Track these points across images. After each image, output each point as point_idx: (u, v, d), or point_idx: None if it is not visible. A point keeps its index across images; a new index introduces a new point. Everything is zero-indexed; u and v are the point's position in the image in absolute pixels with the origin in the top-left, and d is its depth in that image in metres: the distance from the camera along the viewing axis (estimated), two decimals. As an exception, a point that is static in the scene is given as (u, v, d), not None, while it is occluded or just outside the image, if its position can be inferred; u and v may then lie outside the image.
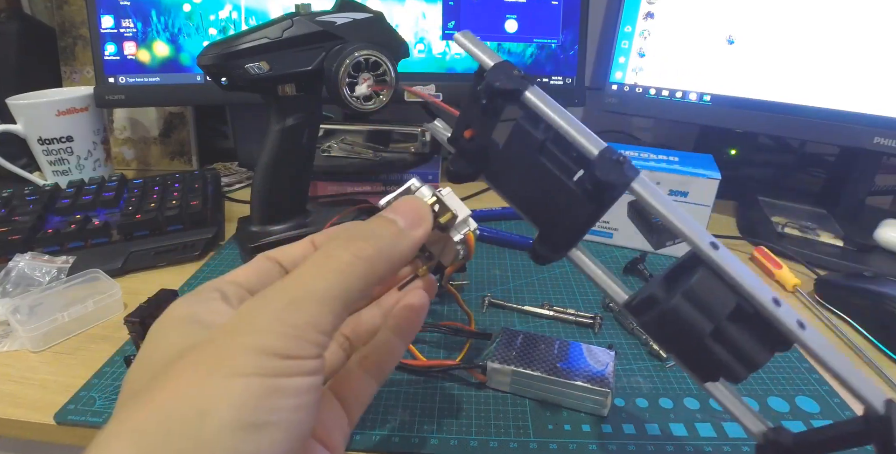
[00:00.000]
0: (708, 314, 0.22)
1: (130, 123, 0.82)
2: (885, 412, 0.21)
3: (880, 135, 0.53)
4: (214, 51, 0.43)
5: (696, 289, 0.22)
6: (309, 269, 0.18)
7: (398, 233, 0.20)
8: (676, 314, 0.22)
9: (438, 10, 0.66)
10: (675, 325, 0.22)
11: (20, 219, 0.54)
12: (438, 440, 0.32)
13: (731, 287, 0.22)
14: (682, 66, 0.64)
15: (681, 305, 0.22)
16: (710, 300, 0.22)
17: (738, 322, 0.22)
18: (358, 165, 0.67)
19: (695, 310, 0.22)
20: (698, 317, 0.22)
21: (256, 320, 0.16)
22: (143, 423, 0.14)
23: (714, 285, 0.22)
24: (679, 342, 0.22)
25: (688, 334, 0.22)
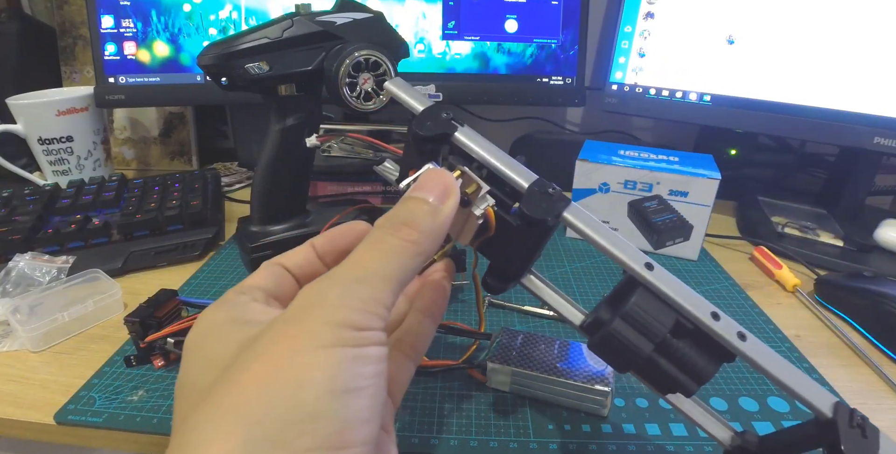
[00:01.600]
0: (648, 333, 0.22)
1: (130, 123, 0.82)
2: (833, 415, 0.22)
3: (880, 135, 0.53)
4: (214, 51, 0.43)
5: (633, 311, 0.23)
6: (365, 254, 0.19)
7: (433, 211, 0.21)
8: (618, 336, 0.23)
9: (438, 10, 0.66)
10: (618, 346, 0.23)
11: (20, 219, 0.54)
12: (438, 440, 0.32)
13: (669, 305, 0.23)
14: (682, 66, 0.64)
15: (620, 327, 0.23)
16: (649, 320, 0.23)
17: (681, 337, 0.23)
18: (358, 165, 0.67)
19: (634, 330, 0.23)
20: (639, 337, 0.23)
21: (328, 298, 0.17)
22: (245, 399, 0.15)
23: (651, 305, 0.23)
24: (626, 361, 0.23)
25: (632, 354, 0.23)
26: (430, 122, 0.25)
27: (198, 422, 0.15)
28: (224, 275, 0.51)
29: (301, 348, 0.16)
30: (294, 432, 0.14)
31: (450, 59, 0.68)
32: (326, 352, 0.16)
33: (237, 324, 0.19)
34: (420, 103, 0.26)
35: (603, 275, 0.52)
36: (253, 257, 0.50)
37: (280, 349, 0.16)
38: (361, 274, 0.18)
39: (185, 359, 0.19)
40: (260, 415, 0.15)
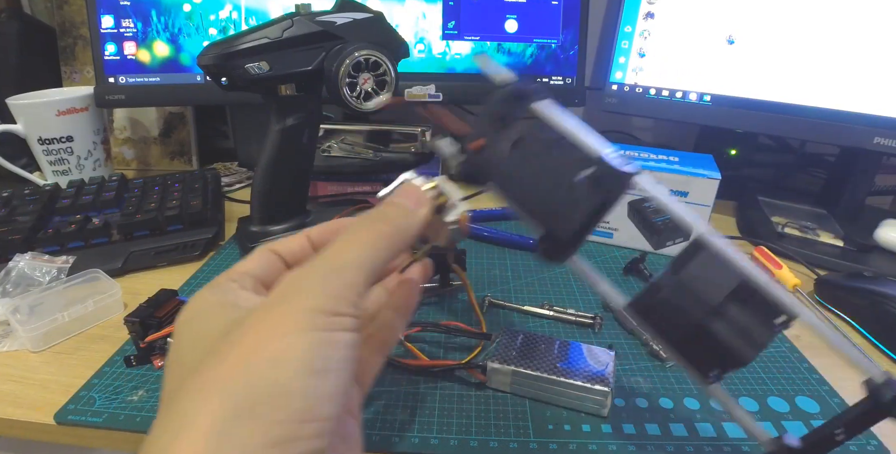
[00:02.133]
0: (710, 292, 0.22)
1: (130, 123, 0.82)
2: (885, 380, 0.22)
3: (880, 135, 0.53)
4: (214, 51, 0.43)
5: (697, 270, 0.23)
6: (341, 246, 0.21)
7: (406, 213, 0.23)
8: (681, 292, 0.23)
9: (438, 10, 0.66)
10: (679, 304, 0.23)
11: (20, 219, 0.54)
12: (438, 440, 0.32)
13: (731, 268, 0.23)
14: (682, 66, 0.64)
15: (684, 284, 0.23)
16: (712, 279, 0.23)
17: (737, 302, 0.23)
18: (358, 165, 0.67)
19: (697, 288, 0.23)
20: (701, 295, 0.23)
21: (305, 286, 0.19)
22: (226, 375, 0.17)
23: (715, 265, 0.23)
24: (682, 325, 0.23)
25: (691, 314, 0.23)
26: (529, 83, 0.26)
27: (184, 395, 0.17)
28: (224, 275, 0.50)
29: (279, 331, 0.17)
30: (268, 406, 0.16)
31: (450, 59, 0.68)
32: (302, 336, 0.17)
33: (225, 307, 0.21)
34: (509, 73, 0.26)
35: (603, 275, 0.52)
36: (253, 257, 0.50)
37: (261, 332, 0.18)
38: (337, 264, 0.20)
39: (175, 337, 0.21)
40: (239, 389, 0.16)
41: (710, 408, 0.35)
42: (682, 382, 0.38)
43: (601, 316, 0.43)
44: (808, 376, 0.38)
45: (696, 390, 0.37)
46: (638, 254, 0.52)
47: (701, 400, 0.36)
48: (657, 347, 0.40)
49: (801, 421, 0.34)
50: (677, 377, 0.38)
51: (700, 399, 0.36)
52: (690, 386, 0.37)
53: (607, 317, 0.45)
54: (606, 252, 0.56)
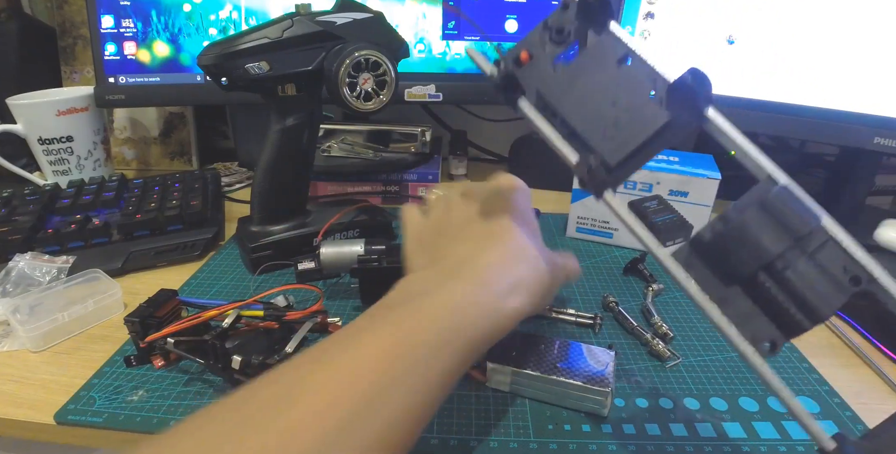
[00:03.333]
0: (784, 230, 0.20)
1: (130, 123, 0.82)
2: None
3: (880, 135, 0.53)
4: (214, 51, 0.43)
5: (778, 199, 0.21)
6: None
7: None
8: (753, 227, 0.20)
9: (438, 11, 0.66)
10: (747, 241, 0.20)
11: (20, 219, 0.54)
12: (438, 440, 0.32)
13: (805, 211, 0.20)
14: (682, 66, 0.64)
15: (758, 216, 0.20)
16: (788, 216, 0.20)
17: (809, 254, 0.20)
18: (358, 165, 0.67)
19: (770, 223, 0.20)
20: (774, 232, 0.20)
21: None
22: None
23: (791, 203, 0.21)
24: (750, 266, 0.20)
25: (759, 252, 0.20)
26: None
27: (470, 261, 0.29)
28: (224, 275, 0.51)
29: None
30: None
31: (450, 59, 0.68)
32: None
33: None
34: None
35: (603, 275, 0.52)
36: (253, 257, 0.50)
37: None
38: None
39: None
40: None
41: (710, 408, 0.35)
42: (681, 382, 0.38)
43: (601, 316, 0.43)
44: (808, 376, 0.38)
45: (696, 390, 0.37)
46: (638, 254, 0.52)
47: (701, 400, 0.36)
48: (659, 347, 0.40)
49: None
50: (677, 377, 0.38)
51: (700, 399, 0.36)
52: (690, 386, 0.37)
53: (607, 317, 0.45)
54: (606, 252, 0.56)
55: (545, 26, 0.25)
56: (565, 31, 0.25)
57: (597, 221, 0.57)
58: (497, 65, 0.26)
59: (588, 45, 0.24)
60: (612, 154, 0.23)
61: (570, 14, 0.24)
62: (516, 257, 0.29)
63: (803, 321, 0.20)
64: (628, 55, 0.24)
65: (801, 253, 0.20)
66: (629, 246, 0.57)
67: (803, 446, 0.32)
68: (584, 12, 0.24)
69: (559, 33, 0.25)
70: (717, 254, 0.21)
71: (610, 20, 0.24)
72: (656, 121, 0.22)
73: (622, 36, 0.24)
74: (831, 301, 0.20)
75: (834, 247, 0.20)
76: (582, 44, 0.25)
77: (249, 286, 0.49)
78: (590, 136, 0.23)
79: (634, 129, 0.23)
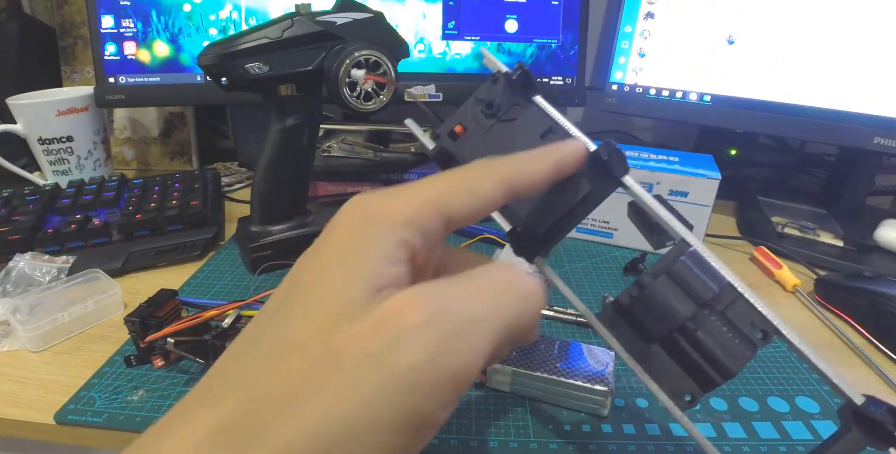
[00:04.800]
0: (690, 296, 0.22)
1: (130, 123, 0.82)
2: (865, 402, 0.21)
3: (880, 135, 0.53)
4: (214, 51, 0.43)
5: (681, 269, 0.22)
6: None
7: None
8: (663, 295, 0.22)
9: (438, 11, 0.66)
10: (660, 308, 0.22)
11: (20, 219, 0.54)
12: (438, 440, 0.32)
13: (715, 275, 0.22)
14: (682, 66, 0.64)
15: (664, 285, 0.22)
16: (694, 282, 0.22)
17: (718, 312, 0.22)
18: (358, 165, 0.67)
19: (678, 290, 0.22)
20: (682, 301, 0.22)
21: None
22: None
23: (696, 270, 0.22)
24: (661, 329, 0.22)
25: (672, 317, 0.22)
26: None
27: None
28: (224, 275, 0.51)
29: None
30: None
31: (450, 59, 0.68)
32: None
33: (372, 267, 0.18)
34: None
35: (603, 275, 0.52)
36: (253, 257, 0.50)
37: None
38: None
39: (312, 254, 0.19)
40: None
41: (710, 407, 0.35)
42: (682, 382, 0.37)
43: (601, 316, 0.43)
44: (808, 376, 0.38)
45: (696, 390, 0.37)
46: (638, 254, 0.52)
47: (701, 400, 0.36)
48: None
49: (801, 421, 0.34)
50: (677, 377, 0.38)
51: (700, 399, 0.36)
52: (690, 386, 0.37)
53: (607, 317, 0.45)
54: (606, 252, 0.56)
55: (476, 100, 0.26)
56: (494, 104, 0.26)
57: (597, 221, 0.57)
58: (434, 138, 0.27)
59: (516, 118, 0.26)
60: (539, 224, 0.25)
61: (498, 87, 0.26)
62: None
63: (715, 377, 0.22)
64: (552, 127, 0.25)
65: (711, 312, 0.22)
66: (629, 246, 0.57)
67: (803, 446, 0.32)
68: (510, 86, 0.25)
69: (489, 107, 0.26)
70: (634, 316, 0.23)
71: (535, 94, 0.25)
72: (579, 192, 0.24)
73: (547, 109, 0.25)
74: (739, 358, 0.22)
75: (743, 305, 0.22)
76: (511, 117, 0.26)
77: (249, 286, 0.49)
78: (519, 206, 0.25)
79: (563, 200, 0.24)
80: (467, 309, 0.16)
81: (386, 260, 0.17)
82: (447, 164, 0.27)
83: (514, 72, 0.25)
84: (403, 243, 0.17)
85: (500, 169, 0.20)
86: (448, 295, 0.16)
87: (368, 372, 0.14)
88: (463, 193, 0.19)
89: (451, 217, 0.18)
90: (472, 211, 0.19)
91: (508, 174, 0.20)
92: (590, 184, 0.24)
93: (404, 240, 0.17)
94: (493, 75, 0.26)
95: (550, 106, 0.25)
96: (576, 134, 0.24)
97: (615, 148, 0.23)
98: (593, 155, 0.23)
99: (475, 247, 0.55)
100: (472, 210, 0.19)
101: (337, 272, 0.17)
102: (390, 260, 0.17)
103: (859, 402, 0.21)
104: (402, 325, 0.15)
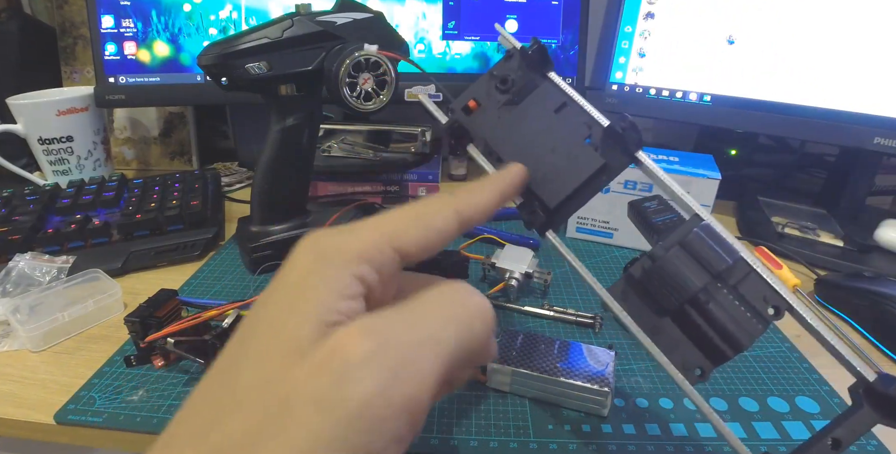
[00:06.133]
0: (704, 266, 0.22)
1: (130, 123, 0.82)
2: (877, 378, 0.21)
3: (880, 135, 0.53)
4: (215, 51, 0.43)
5: (693, 242, 0.22)
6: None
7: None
8: (675, 264, 0.22)
9: (438, 10, 0.66)
10: (672, 279, 0.22)
11: (20, 219, 0.54)
12: (438, 440, 0.32)
13: (726, 248, 0.22)
14: (682, 67, 0.64)
15: (678, 255, 0.22)
16: (707, 253, 0.22)
17: (730, 286, 0.22)
18: (358, 165, 0.67)
19: (691, 261, 0.22)
20: (694, 269, 0.22)
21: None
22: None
23: (710, 241, 0.22)
24: (675, 300, 0.22)
25: (684, 286, 0.22)
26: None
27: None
28: (224, 275, 0.51)
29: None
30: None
31: (450, 59, 0.68)
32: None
33: (322, 304, 0.18)
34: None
35: (603, 275, 0.52)
36: (253, 257, 0.50)
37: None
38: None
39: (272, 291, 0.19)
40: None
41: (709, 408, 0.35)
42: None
43: (601, 316, 0.43)
44: (808, 376, 0.38)
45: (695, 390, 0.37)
46: (638, 254, 0.52)
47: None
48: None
49: (801, 421, 0.34)
50: (677, 377, 0.38)
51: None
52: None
53: (607, 317, 0.45)
54: (606, 252, 0.56)
55: (491, 76, 0.26)
56: (509, 80, 0.26)
57: (597, 221, 0.57)
58: (449, 112, 0.27)
59: (530, 94, 0.26)
60: (552, 197, 0.25)
61: (512, 64, 0.26)
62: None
63: (726, 350, 0.22)
64: (566, 102, 0.25)
65: (724, 286, 0.22)
66: (629, 246, 0.57)
67: (803, 446, 0.32)
68: (526, 62, 0.26)
69: (503, 82, 0.26)
70: (646, 289, 0.23)
71: (550, 69, 0.25)
72: (592, 165, 0.24)
73: (561, 84, 0.25)
74: (751, 332, 0.22)
75: (755, 279, 0.22)
76: (525, 92, 0.26)
77: (249, 286, 0.49)
78: (531, 180, 0.25)
79: (571, 173, 0.24)
80: (412, 335, 0.16)
81: (339, 296, 0.17)
82: (459, 138, 0.27)
83: (531, 47, 0.25)
84: (357, 278, 0.17)
85: (451, 200, 0.21)
86: (391, 323, 0.16)
87: (317, 414, 0.14)
88: (416, 227, 0.19)
89: (405, 249, 0.19)
90: (425, 244, 0.19)
91: (459, 207, 0.21)
92: (603, 157, 0.23)
93: (358, 275, 0.17)
94: (507, 52, 0.26)
95: (564, 82, 0.25)
96: (589, 109, 0.24)
97: (630, 122, 0.23)
98: (608, 128, 0.23)
99: (475, 247, 0.55)
100: (426, 243, 0.19)
101: (289, 313, 0.17)
102: (343, 295, 0.17)
103: (871, 379, 0.21)
104: (348, 361, 0.15)
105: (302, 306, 0.16)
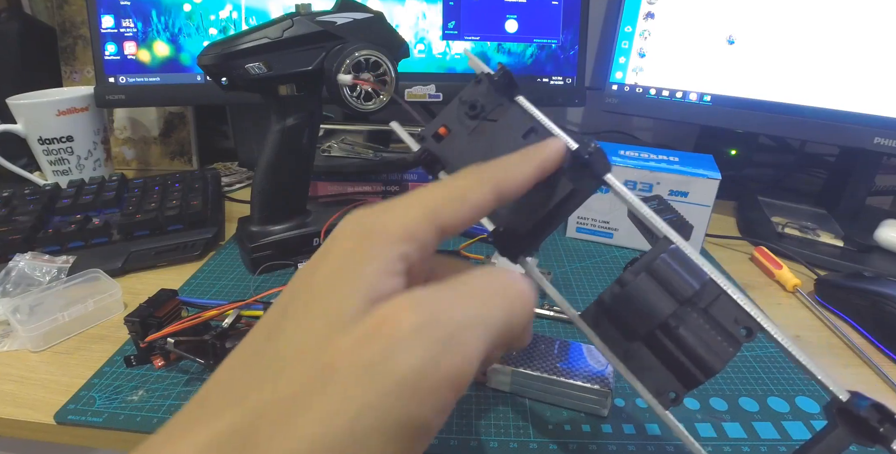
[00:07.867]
0: (671, 293, 0.22)
1: (131, 123, 0.82)
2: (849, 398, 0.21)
3: (880, 135, 0.53)
4: (215, 51, 0.43)
5: (659, 268, 0.22)
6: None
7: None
8: (640, 291, 0.22)
9: (438, 10, 0.66)
10: (641, 306, 0.22)
11: (20, 218, 0.54)
12: (438, 440, 0.32)
13: (694, 271, 0.22)
14: (682, 66, 0.64)
15: (645, 283, 0.22)
16: (674, 280, 0.22)
17: (701, 310, 0.22)
18: (358, 165, 0.67)
19: (659, 288, 0.22)
20: (662, 295, 0.22)
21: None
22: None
23: (677, 267, 0.22)
24: (644, 327, 0.22)
25: (654, 315, 0.22)
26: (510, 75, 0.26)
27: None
28: (224, 275, 0.51)
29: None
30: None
31: (450, 59, 0.68)
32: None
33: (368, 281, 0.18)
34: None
35: (603, 275, 0.52)
36: (253, 257, 0.50)
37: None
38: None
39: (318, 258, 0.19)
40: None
41: (710, 407, 0.35)
42: (682, 382, 0.37)
43: (601, 316, 0.43)
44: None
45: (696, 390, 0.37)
46: (638, 254, 0.52)
47: (701, 400, 0.36)
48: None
49: (801, 421, 0.34)
50: (677, 377, 0.38)
51: (700, 399, 0.36)
52: (690, 386, 0.37)
53: (607, 317, 0.45)
54: (606, 252, 0.56)
55: (461, 101, 0.26)
56: (478, 105, 0.26)
57: (597, 221, 0.57)
58: (419, 140, 0.27)
59: (499, 119, 0.26)
60: (522, 224, 0.24)
61: (481, 88, 0.26)
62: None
63: (697, 375, 0.22)
64: (534, 127, 0.25)
65: (693, 309, 0.22)
66: (629, 246, 0.57)
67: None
68: (494, 87, 0.25)
69: (472, 108, 0.26)
70: (617, 314, 0.23)
71: (517, 94, 0.25)
72: (560, 191, 0.24)
73: (529, 108, 0.25)
74: (722, 355, 0.22)
75: (726, 301, 0.22)
76: (494, 117, 0.26)
77: (249, 286, 0.49)
78: (501, 207, 0.25)
79: (541, 198, 0.24)
80: (459, 313, 0.16)
81: (384, 273, 0.17)
82: (431, 167, 0.27)
83: (497, 72, 0.25)
84: (402, 257, 0.17)
85: (488, 175, 0.20)
86: (439, 300, 0.16)
87: (363, 382, 0.14)
88: (455, 202, 0.19)
89: (445, 227, 0.19)
90: (464, 219, 0.19)
91: (496, 179, 0.20)
92: (572, 182, 0.23)
93: (403, 253, 0.18)
94: (476, 76, 0.26)
95: (532, 106, 0.25)
96: (557, 133, 0.24)
97: (596, 146, 0.23)
98: (574, 154, 0.23)
99: (475, 247, 0.55)
100: (465, 218, 0.19)
101: (334, 287, 0.17)
102: (388, 273, 0.17)
103: (844, 399, 0.21)
104: (395, 333, 0.15)
105: (347, 281, 0.17)
